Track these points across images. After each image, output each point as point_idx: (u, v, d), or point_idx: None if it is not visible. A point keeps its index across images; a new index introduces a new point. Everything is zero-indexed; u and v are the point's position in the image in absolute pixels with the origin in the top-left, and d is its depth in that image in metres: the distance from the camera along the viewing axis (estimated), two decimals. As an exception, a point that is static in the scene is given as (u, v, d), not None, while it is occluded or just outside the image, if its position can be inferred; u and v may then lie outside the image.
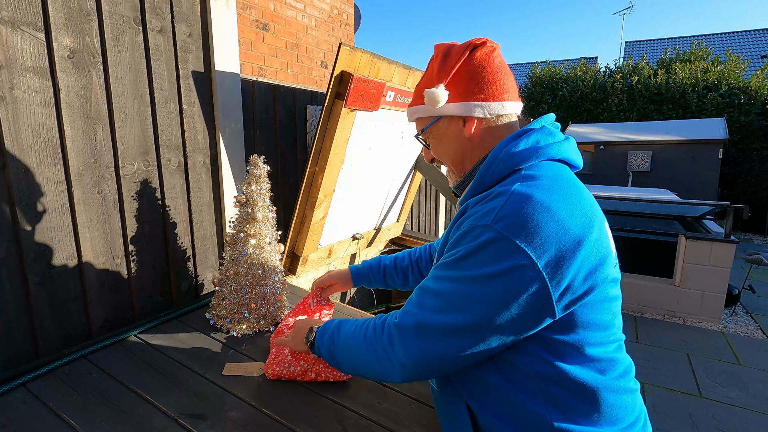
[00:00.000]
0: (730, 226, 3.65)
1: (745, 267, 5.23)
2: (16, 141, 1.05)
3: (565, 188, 0.71)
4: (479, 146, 0.83)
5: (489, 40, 0.81)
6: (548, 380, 0.71)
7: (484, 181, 0.78)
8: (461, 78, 0.80)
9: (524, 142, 0.76)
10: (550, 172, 0.73)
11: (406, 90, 1.88)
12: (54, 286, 1.16)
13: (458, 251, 0.71)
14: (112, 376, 1.08)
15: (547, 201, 0.67)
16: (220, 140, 1.56)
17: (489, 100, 0.79)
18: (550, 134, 0.79)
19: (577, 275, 0.66)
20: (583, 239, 0.66)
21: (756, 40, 14.08)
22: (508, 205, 0.67)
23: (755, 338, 3.52)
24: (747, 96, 7.75)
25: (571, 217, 0.67)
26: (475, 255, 0.68)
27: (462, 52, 0.80)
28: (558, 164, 0.77)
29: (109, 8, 1.19)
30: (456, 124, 0.83)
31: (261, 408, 0.98)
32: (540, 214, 0.65)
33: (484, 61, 0.80)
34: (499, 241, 0.65)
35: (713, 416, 2.49)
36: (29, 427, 0.91)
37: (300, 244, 1.82)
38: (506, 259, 0.65)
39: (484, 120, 0.81)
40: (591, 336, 0.71)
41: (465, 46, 0.81)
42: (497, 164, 0.76)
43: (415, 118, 0.89)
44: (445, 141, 0.85)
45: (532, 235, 0.64)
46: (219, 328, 1.34)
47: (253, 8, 3.57)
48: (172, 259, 1.47)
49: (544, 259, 0.64)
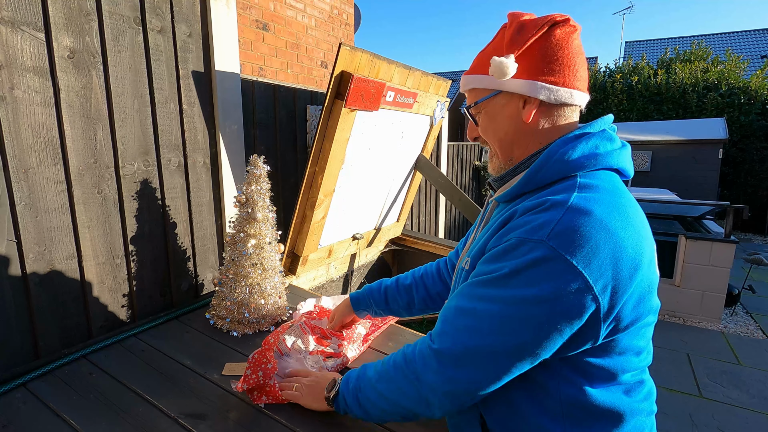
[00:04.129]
0: (730, 226, 3.65)
1: (745, 267, 5.23)
2: (16, 141, 1.05)
3: (624, 205, 0.65)
4: (533, 134, 0.75)
5: (571, 19, 0.73)
6: (573, 403, 0.67)
7: (533, 181, 0.71)
8: (534, 53, 0.71)
9: (582, 146, 0.70)
10: (607, 183, 0.68)
11: (406, 90, 1.88)
12: (54, 286, 1.16)
13: (503, 267, 0.64)
14: (112, 376, 1.08)
15: (607, 219, 0.61)
16: (220, 140, 1.56)
17: (558, 84, 0.71)
18: (609, 140, 0.72)
19: (628, 302, 0.62)
20: (639, 264, 0.62)
21: (756, 40, 14.08)
22: (566, 221, 0.61)
23: (755, 338, 3.52)
24: (747, 96, 7.75)
25: (628, 238, 0.62)
26: (525, 273, 0.61)
27: (540, 26, 0.71)
28: (613, 174, 0.72)
29: (109, 8, 1.19)
30: (515, 103, 0.74)
31: (261, 408, 0.98)
32: (599, 233, 0.60)
33: (563, 40, 0.72)
34: (554, 260, 0.59)
35: (713, 416, 2.49)
36: (29, 427, 0.90)
37: (300, 244, 1.82)
38: (560, 281, 0.59)
39: (547, 106, 0.73)
40: (626, 361, 0.68)
41: (545, 19, 0.72)
42: (551, 166, 0.69)
43: (470, 87, 0.79)
44: (498, 120, 0.77)
45: (590, 256, 0.59)
46: (219, 328, 1.34)
47: (253, 8, 3.57)
48: (172, 259, 1.47)
49: (600, 284, 0.59)
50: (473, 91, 0.79)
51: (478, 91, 0.78)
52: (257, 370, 0.97)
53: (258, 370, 0.97)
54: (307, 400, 0.93)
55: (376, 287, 1.18)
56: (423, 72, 1.93)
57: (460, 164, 5.12)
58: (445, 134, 3.46)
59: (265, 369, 0.98)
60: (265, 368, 0.98)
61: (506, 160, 0.79)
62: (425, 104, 2.12)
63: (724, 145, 6.63)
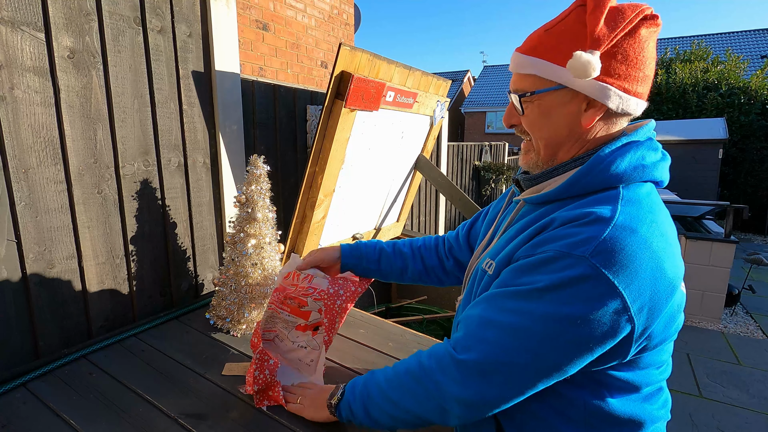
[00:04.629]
0: (730, 226, 3.66)
1: (745, 267, 5.23)
2: (16, 141, 1.05)
3: (663, 224, 0.63)
4: (583, 139, 0.69)
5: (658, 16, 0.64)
6: (595, 412, 0.66)
7: (574, 189, 0.66)
8: (615, 53, 0.63)
9: (630, 157, 0.65)
10: (648, 198, 0.65)
11: (406, 90, 1.88)
12: (54, 286, 1.16)
13: (538, 280, 0.60)
14: (112, 376, 1.08)
15: (650, 238, 0.59)
16: (220, 140, 1.56)
17: (630, 92, 0.64)
18: (654, 150, 0.68)
19: (660, 322, 0.60)
20: (675, 285, 0.60)
21: (756, 40, 14.08)
22: (611, 238, 0.57)
23: (755, 338, 3.52)
24: (747, 96, 7.76)
25: (668, 259, 0.59)
26: (562, 290, 0.58)
27: (630, 20, 0.62)
28: (652, 187, 0.68)
29: (109, 8, 1.19)
30: (577, 103, 0.66)
31: (262, 408, 0.98)
32: (642, 253, 0.57)
33: (645, 41, 0.64)
34: (595, 279, 0.56)
35: (713, 416, 2.49)
36: (29, 427, 0.90)
37: (300, 244, 1.82)
38: (600, 301, 0.56)
39: (610, 114, 0.66)
40: (647, 374, 0.67)
41: (635, 10, 0.62)
42: (596, 175, 0.65)
43: (531, 72, 0.68)
44: (552, 117, 0.68)
45: (632, 276, 0.56)
46: (219, 328, 1.34)
47: (253, 8, 3.57)
48: (172, 259, 1.47)
49: (637, 304, 0.57)
50: (531, 77, 0.68)
51: (537, 80, 0.67)
52: (263, 368, 0.96)
53: (264, 369, 0.97)
54: (310, 411, 0.91)
55: (371, 244, 1.12)
56: (423, 72, 1.93)
57: (460, 164, 5.13)
58: (445, 134, 3.46)
59: (269, 366, 0.98)
60: (269, 365, 0.98)
61: (548, 160, 0.72)
62: (425, 104, 2.12)
63: (724, 145, 6.63)
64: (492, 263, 0.72)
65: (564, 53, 0.63)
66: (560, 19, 0.66)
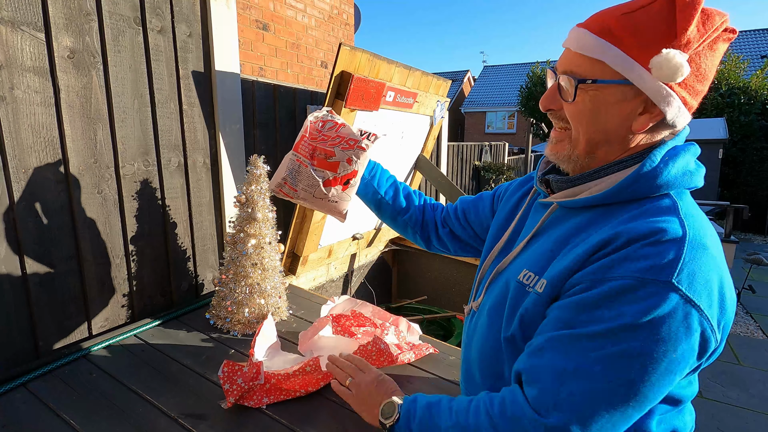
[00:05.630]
0: (730, 226, 3.65)
1: (745, 267, 5.22)
2: (16, 141, 1.05)
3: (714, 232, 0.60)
4: (627, 142, 0.63)
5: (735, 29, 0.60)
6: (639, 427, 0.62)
7: (622, 195, 0.62)
8: (694, 59, 0.57)
9: (678, 163, 0.61)
10: (696, 208, 0.62)
11: (406, 90, 1.88)
12: (54, 286, 1.16)
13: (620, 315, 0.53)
14: (112, 376, 1.08)
15: (715, 253, 0.56)
16: (220, 140, 1.56)
17: (687, 104, 0.60)
18: (694, 155, 0.65)
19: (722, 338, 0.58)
20: (734, 299, 0.58)
21: (756, 40, 14.08)
22: (691, 260, 0.54)
23: (755, 338, 3.52)
24: (747, 96, 7.76)
25: (728, 272, 0.58)
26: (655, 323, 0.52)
27: (716, 28, 0.57)
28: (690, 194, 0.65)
29: (109, 8, 1.19)
30: (634, 104, 0.60)
31: (262, 408, 0.98)
32: (715, 272, 0.55)
33: (720, 55, 0.59)
34: (684, 305, 0.52)
35: (713, 416, 2.49)
36: (29, 427, 0.90)
37: (300, 244, 1.82)
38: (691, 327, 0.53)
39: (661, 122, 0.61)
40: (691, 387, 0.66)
41: (722, 19, 0.57)
42: (646, 181, 0.60)
43: (596, 57, 0.60)
44: (602, 112, 0.61)
45: (711, 296, 0.54)
46: (219, 328, 1.34)
47: (253, 8, 3.57)
48: (172, 259, 1.47)
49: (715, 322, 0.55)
50: (597, 63, 0.60)
51: (603, 67, 0.59)
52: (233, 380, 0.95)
53: (235, 378, 0.95)
54: (359, 406, 0.83)
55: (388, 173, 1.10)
56: (423, 72, 1.93)
57: (460, 164, 5.13)
58: (445, 134, 3.46)
59: (242, 374, 0.96)
60: (242, 373, 0.96)
61: (584, 156, 0.65)
62: (425, 104, 2.12)
63: (724, 145, 6.63)
64: (537, 278, 0.65)
65: (645, 47, 0.57)
66: (641, 5, 0.58)
